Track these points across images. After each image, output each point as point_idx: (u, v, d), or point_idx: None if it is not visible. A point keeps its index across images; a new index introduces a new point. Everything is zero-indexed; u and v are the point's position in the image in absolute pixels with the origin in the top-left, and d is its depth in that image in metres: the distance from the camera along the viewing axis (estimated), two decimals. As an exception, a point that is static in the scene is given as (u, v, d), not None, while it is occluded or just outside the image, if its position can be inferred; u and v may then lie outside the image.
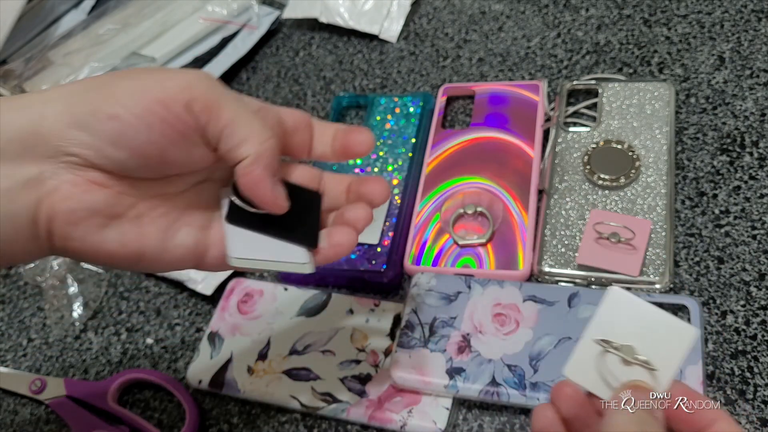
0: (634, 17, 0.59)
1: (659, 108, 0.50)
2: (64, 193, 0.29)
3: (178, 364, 0.49)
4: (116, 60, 0.65)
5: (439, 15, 0.66)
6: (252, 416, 0.45)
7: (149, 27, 0.67)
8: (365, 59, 0.65)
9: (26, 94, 0.30)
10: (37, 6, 0.75)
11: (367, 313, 0.46)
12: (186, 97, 0.29)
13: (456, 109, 0.58)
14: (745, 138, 0.48)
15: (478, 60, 0.61)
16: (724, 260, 0.43)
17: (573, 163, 0.49)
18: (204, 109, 0.29)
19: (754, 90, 0.50)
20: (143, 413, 0.48)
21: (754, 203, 0.45)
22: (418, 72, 0.62)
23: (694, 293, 0.43)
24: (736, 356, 0.40)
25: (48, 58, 0.67)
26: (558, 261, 0.45)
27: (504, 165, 0.51)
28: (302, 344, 0.46)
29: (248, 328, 0.48)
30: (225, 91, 0.30)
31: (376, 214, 0.50)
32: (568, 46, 0.59)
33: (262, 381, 0.45)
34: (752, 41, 0.53)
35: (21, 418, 0.49)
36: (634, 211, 0.46)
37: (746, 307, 0.41)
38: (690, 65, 0.54)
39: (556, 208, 0.48)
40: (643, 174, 0.47)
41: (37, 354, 0.53)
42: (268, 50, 0.70)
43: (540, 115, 0.53)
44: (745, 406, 0.38)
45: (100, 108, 0.28)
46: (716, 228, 0.45)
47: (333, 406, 0.43)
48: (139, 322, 0.52)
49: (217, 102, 0.30)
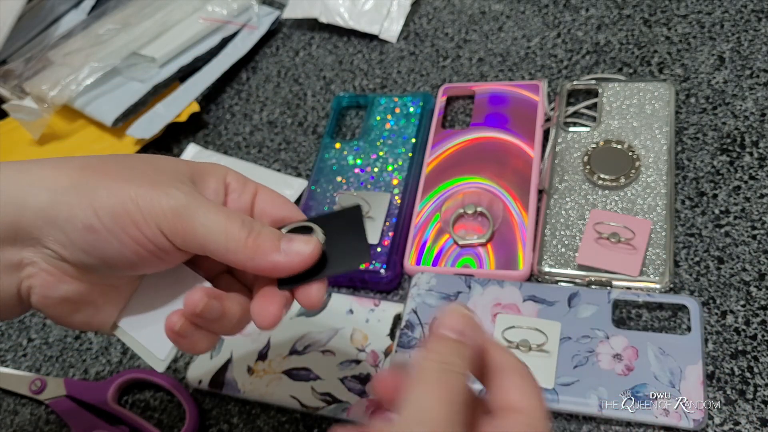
0: (634, 17, 0.59)
1: (659, 108, 0.50)
2: (41, 281, 0.31)
3: (178, 364, 0.49)
4: (116, 60, 0.65)
5: (439, 15, 0.66)
6: (252, 416, 0.45)
7: (149, 27, 0.67)
8: (365, 59, 0.65)
9: (9, 167, 0.30)
10: (37, 6, 0.75)
11: (367, 313, 0.46)
12: (158, 223, 0.29)
13: (456, 109, 0.58)
14: (745, 138, 0.48)
15: (478, 60, 0.61)
16: (724, 260, 0.43)
17: (573, 163, 0.49)
18: (178, 233, 0.29)
19: (754, 90, 0.50)
20: (143, 413, 0.48)
21: (754, 203, 0.45)
22: (418, 72, 0.62)
23: (694, 293, 0.43)
24: (736, 356, 0.40)
25: (48, 58, 0.68)
26: (558, 261, 0.45)
27: (504, 165, 0.51)
28: (302, 344, 0.46)
29: (248, 328, 0.48)
30: (197, 203, 0.30)
31: (377, 214, 0.51)
32: (568, 46, 0.59)
33: (262, 381, 0.45)
34: (752, 41, 0.53)
35: (21, 418, 0.49)
36: (634, 211, 0.46)
37: (746, 307, 0.41)
38: (690, 65, 0.54)
39: (556, 208, 0.48)
40: (643, 174, 0.47)
41: (37, 354, 0.53)
42: (268, 50, 0.70)
43: (540, 115, 0.53)
44: (745, 406, 0.38)
45: (77, 216, 0.29)
46: (716, 228, 0.45)
47: (333, 406, 0.43)
48: (139, 322, 0.52)
49: (191, 224, 0.29)
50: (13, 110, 0.64)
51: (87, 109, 0.64)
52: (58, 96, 0.63)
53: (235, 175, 0.34)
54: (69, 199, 0.29)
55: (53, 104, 0.63)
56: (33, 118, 0.63)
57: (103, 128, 0.64)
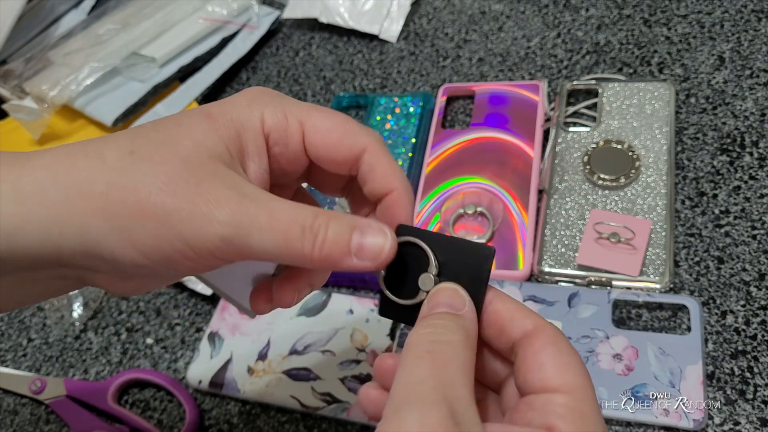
0: (634, 17, 0.59)
1: (659, 108, 0.50)
2: (101, 283, 0.28)
3: (178, 364, 0.49)
4: (116, 60, 0.65)
5: (439, 15, 0.66)
6: (252, 416, 0.45)
7: (149, 27, 0.67)
8: (365, 59, 0.65)
9: (13, 176, 0.25)
10: (37, 6, 0.75)
11: (367, 313, 0.46)
12: (211, 252, 0.25)
13: (456, 109, 0.58)
14: (745, 138, 0.48)
15: (478, 60, 0.61)
16: (724, 260, 0.43)
17: (573, 163, 0.49)
18: (236, 256, 0.25)
19: (754, 90, 0.50)
20: (143, 413, 0.48)
21: (754, 203, 0.45)
22: (418, 72, 0.62)
23: (694, 293, 0.43)
24: (736, 356, 0.40)
25: (48, 58, 0.68)
26: (558, 261, 0.45)
27: (504, 165, 0.51)
28: (302, 344, 0.46)
29: (248, 328, 0.48)
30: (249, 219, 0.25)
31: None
32: (568, 46, 0.59)
33: (262, 381, 0.45)
34: (752, 41, 0.53)
35: (21, 418, 0.49)
36: (634, 211, 0.46)
37: (746, 307, 0.41)
38: (690, 65, 0.54)
39: (556, 208, 0.48)
40: (643, 174, 0.47)
41: (37, 354, 0.53)
42: (268, 50, 0.70)
43: (540, 115, 0.53)
44: (745, 406, 0.38)
45: (118, 257, 0.25)
46: (716, 228, 0.45)
47: (333, 406, 0.43)
48: (139, 322, 0.52)
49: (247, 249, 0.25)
50: (13, 110, 0.64)
51: (87, 109, 0.64)
52: (58, 96, 0.63)
53: (272, 114, 0.28)
54: (102, 230, 0.25)
55: (53, 104, 0.63)
56: (33, 118, 0.63)
57: (103, 128, 0.64)
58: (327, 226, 0.25)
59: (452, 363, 0.22)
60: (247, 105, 0.28)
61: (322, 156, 0.29)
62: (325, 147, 0.28)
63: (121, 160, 0.25)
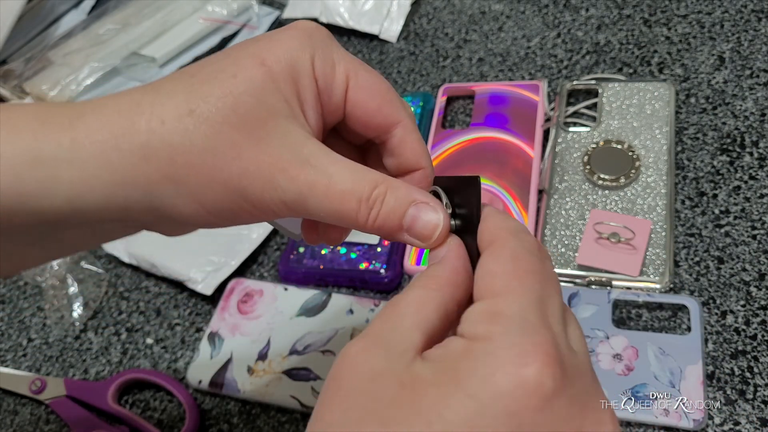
0: (634, 17, 0.59)
1: (659, 108, 0.50)
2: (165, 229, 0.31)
3: (178, 364, 0.49)
4: (116, 60, 0.65)
5: (439, 15, 0.66)
6: (252, 416, 0.45)
7: (149, 27, 0.67)
8: (365, 59, 0.65)
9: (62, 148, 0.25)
10: (37, 6, 0.75)
11: (367, 313, 0.46)
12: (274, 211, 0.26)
13: (456, 109, 0.58)
14: (745, 138, 0.48)
15: (478, 60, 0.61)
16: (724, 260, 0.43)
17: (573, 163, 0.49)
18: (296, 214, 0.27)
19: (754, 90, 0.50)
20: (143, 413, 0.48)
21: (754, 203, 0.45)
22: (418, 72, 0.62)
23: (694, 293, 0.43)
24: (736, 356, 0.40)
25: (48, 58, 0.68)
26: (558, 261, 0.45)
27: (504, 165, 0.51)
28: (302, 344, 0.46)
29: (248, 328, 0.48)
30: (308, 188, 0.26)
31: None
32: (568, 46, 0.59)
33: (262, 381, 0.45)
34: (752, 41, 0.53)
35: (21, 418, 0.49)
36: (634, 211, 0.46)
37: (746, 307, 0.41)
38: (690, 65, 0.54)
39: (556, 208, 0.48)
40: (643, 174, 0.47)
41: (37, 354, 0.53)
42: (268, 50, 0.70)
43: (540, 115, 0.53)
44: (745, 406, 0.38)
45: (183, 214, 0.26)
46: (716, 228, 0.45)
47: (333, 406, 0.43)
48: (139, 322, 0.52)
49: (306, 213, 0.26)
50: (13, 110, 0.64)
51: (87, 109, 0.64)
52: (58, 96, 0.63)
53: (322, 60, 0.27)
54: (171, 200, 0.26)
55: (53, 104, 0.63)
56: (33, 118, 0.63)
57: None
58: (383, 200, 0.26)
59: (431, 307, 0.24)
60: (300, 47, 0.27)
61: (358, 116, 0.28)
62: (365, 109, 0.28)
63: (181, 121, 0.25)
